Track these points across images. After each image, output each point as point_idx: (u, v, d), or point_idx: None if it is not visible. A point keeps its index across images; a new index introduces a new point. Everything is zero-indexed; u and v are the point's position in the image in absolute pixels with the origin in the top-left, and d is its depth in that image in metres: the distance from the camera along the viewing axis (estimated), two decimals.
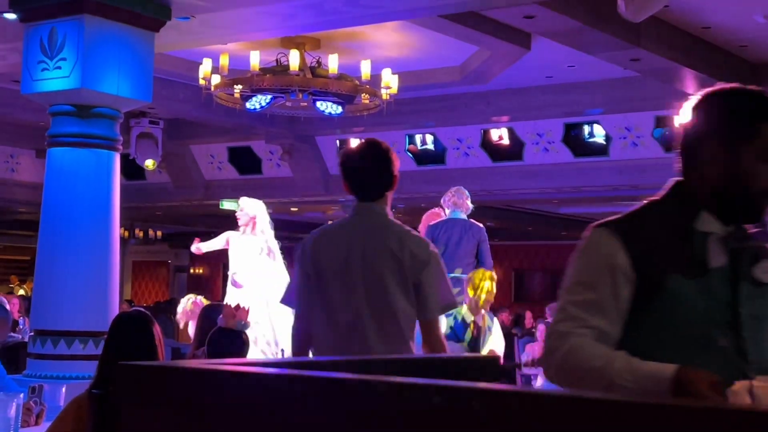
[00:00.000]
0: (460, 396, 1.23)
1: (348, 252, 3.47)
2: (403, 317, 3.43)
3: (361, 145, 3.66)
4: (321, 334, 3.49)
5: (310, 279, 3.51)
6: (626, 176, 11.58)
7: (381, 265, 3.44)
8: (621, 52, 8.16)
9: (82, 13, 5.37)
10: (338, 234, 3.58)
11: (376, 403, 1.27)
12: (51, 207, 5.64)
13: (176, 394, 1.53)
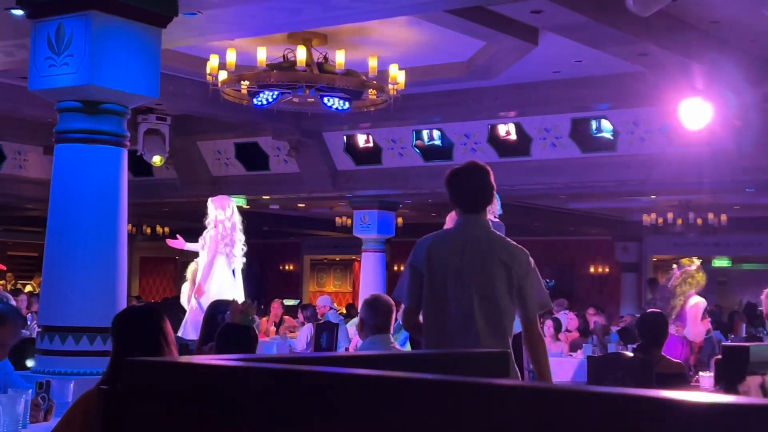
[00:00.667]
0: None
1: (461, 256, 4.08)
2: (507, 316, 4.07)
3: (468, 165, 4.28)
4: (434, 324, 4.10)
5: (423, 277, 4.10)
6: (634, 171, 11.56)
7: (492, 270, 4.07)
8: (628, 46, 8.13)
9: (90, 9, 5.37)
10: (451, 240, 4.16)
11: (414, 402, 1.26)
12: (58, 203, 5.64)
13: (184, 390, 1.53)
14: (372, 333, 5.42)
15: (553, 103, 10.75)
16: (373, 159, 13.19)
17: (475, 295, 4.04)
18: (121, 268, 5.64)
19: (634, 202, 16.17)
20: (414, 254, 4.17)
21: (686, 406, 1.07)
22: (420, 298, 4.12)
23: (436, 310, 4.09)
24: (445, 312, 4.06)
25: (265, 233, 24.08)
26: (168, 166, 13.89)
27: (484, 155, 12.37)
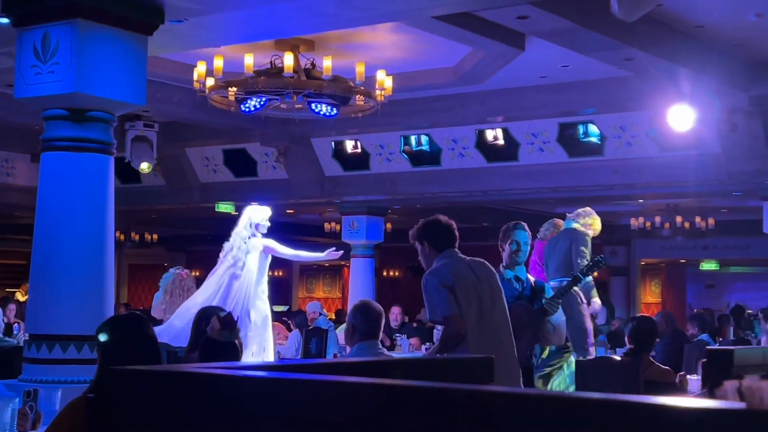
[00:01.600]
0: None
1: (476, 277, 5.15)
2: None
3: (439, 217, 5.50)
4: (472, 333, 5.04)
5: (456, 295, 5.03)
6: (621, 176, 11.60)
7: (497, 285, 5.23)
8: (614, 51, 8.17)
9: (75, 17, 5.36)
10: (463, 265, 5.22)
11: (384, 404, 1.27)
12: (45, 211, 5.63)
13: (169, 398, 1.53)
14: (361, 339, 5.40)
15: (540, 107, 10.78)
16: (362, 164, 13.20)
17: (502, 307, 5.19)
18: (108, 276, 5.63)
19: (622, 206, 16.21)
20: (440, 276, 5.11)
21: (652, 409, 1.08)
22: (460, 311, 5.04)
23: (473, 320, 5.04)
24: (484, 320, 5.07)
25: None
26: (156, 173, 13.87)
27: (471, 160, 12.41)
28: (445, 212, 17.62)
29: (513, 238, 6.11)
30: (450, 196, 13.65)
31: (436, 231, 5.47)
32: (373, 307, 5.52)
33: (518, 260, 6.13)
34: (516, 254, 6.09)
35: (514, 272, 6.18)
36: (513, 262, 6.14)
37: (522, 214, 18.21)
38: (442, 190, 13.02)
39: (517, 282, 6.17)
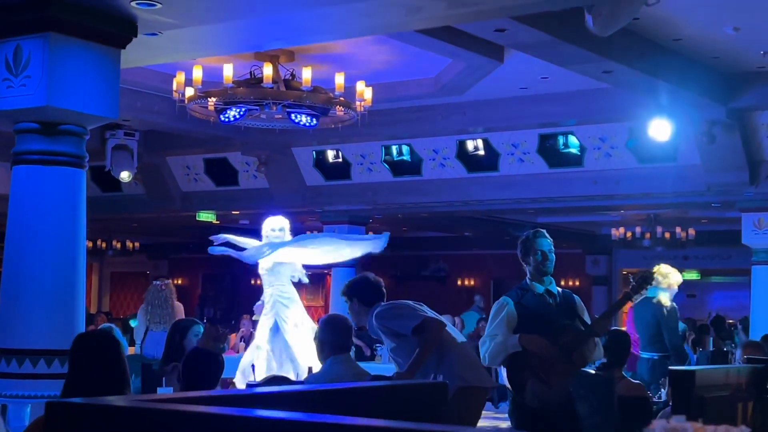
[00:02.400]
0: None
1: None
2: None
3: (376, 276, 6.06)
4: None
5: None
6: (601, 186, 11.64)
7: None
8: (593, 64, 8.19)
9: (48, 31, 5.33)
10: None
11: None
12: (16, 225, 5.59)
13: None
14: (333, 353, 5.41)
15: (520, 118, 10.81)
16: (343, 174, 13.19)
17: None
18: (79, 291, 5.60)
19: (602, 216, 16.26)
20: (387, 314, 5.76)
21: None
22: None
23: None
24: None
25: (236, 248, 23.96)
26: (137, 182, 13.82)
27: (452, 171, 12.42)
28: (426, 222, 17.72)
29: (536, 248, 5.59)
30: (431, 206, 13.66)
31: (365, 288, 5.92)
32: (340, 320, 5.58)
33: (547, 270, 5.60)
34: (543, 264, 5.58)
35: (545, 285, 5.62)
36: (541, 273, 5.59)
37: (504, 224, 18.28)
38: (423, 200, 13.03)
39: (550, 296, 5.61)
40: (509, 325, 5.45)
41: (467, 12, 5.69)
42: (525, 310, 5.48)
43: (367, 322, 5.96)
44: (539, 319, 5.45)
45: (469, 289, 24.40)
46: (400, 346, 5.85)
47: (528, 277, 5.61)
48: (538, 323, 5.43)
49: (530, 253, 5.59)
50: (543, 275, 5.59)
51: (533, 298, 5.53)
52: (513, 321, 5.46)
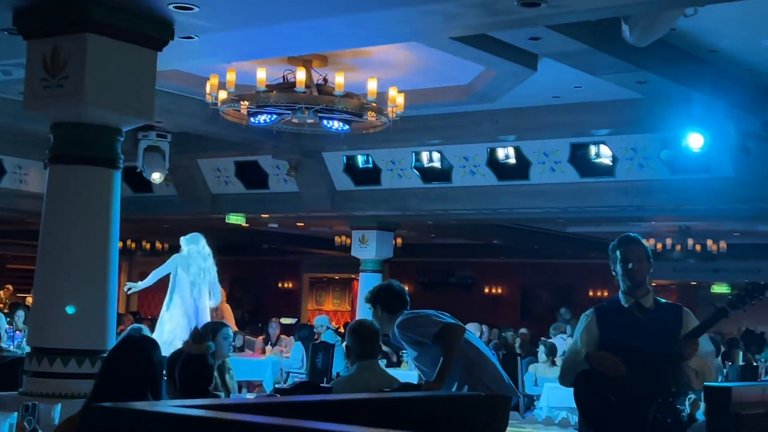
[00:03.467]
0: None
1: None
2: None
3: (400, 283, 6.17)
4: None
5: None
6: (632, 197, 11.56)
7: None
8: (627, 74, 8.16)
9: (85, 32, 5.37)
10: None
11: None
12: (50, 225, 5.63)
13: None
14: (358, 359, 5.48)
15: (552, 127, 10.76)
16: (373, 179, 13.19)
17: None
18: (111, 291, 5.63)
19: (633, 226, 16.15)
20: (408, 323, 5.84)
21: None
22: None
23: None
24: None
25: (264, 251, 24.06)
26: (168, 183, 13.89)
27: (482, 178, 12.39)
28: (455, 229, 17.71)
29: (620, 256, 4.89)
30: (460, 213, 13.63)
31: (389, 296, 5.93)
32: (366, 327, 5.63)
33: (638, 280, 4.83)
34: (633, 274, 4.81)
35: (635, 298, 4.84)
36: (628, 285, 4.83)
37: (533, 233, 18.21)
38: (453, 207, 13.00)
39: (640, 311, 4.84)
40: (588, 340, 4.85)
41: (503, 20, 5.67)
42: (607, 325, 4.84)
43: (390, 330, 5.97)
44: (621, 337, 4.75)
45: (496, 298, 24.33)
46: (423, 355, 5.86)
47: (621, 290, 4.91)
48: (619, 341, 4.75)
49: (614, 261, 4.92)
50: (632, 287, 4.84)
51: (618, 313, 4.85)
52: (593, 337, 4.84)
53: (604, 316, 4.88)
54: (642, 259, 4.84)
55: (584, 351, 4.77)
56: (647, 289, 4.85)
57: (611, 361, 4.65)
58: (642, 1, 5.22)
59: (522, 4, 5.24)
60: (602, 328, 4.83)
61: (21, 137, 12.76)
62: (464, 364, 5.89)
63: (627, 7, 5.65)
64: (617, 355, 4.66)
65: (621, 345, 4.69)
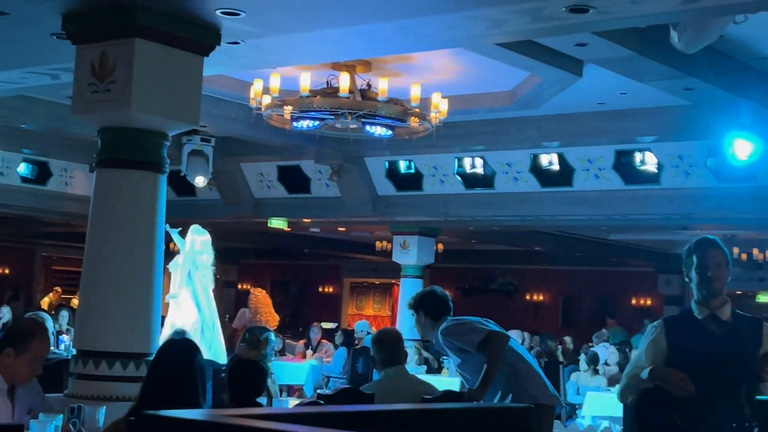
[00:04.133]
0: None
1: None
2: None
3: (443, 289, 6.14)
4: None
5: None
6: (677, 205, 11.43)
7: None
8: (674, 81, 8.07)
9: (134, 37, 5.42)
10: None
11: None
12: (97, 228, 5.67)
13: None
14: (384, 367, 5.50)
15: (596, 134, 10.67)
16: (415, 185, 13.17)
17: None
18: (156, 295, 5.66)
19: (677, 234, 15.97)
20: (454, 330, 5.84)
21: None
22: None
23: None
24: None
25: (305, 255, 24.12)
26: (211, 187, 13.98)
27: (525, 184, 12.32)
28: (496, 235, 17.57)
29: (701, 261, 4.29)
30: (502, 219, 13.56)
31: (432, 302, 5.89)
32: (387, 334, 5.67)
33: (716, 289, 4.28)
34: (711, 282, 4.26)
35: (711, 309, 4.28)
36: (709, 294, 4.28)
37: (575, 240, 18.07)
38: (495, 213, 12.94)
39: (715, 324, 4.28)
40: (654, 355, 4.26)
41: (550, 26, 5.63)
42: (677, 338, 4.27)
43: (433, 336, 5.94)
44: (692, 352, 4.20)
45: (538, 304, 24.19)
46: (466, 362, 5.83)
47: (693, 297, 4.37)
48: (689, 357, 4.18)
49: (689, 267, 4.32)
50: (707, 296, 4.28)
51: (690, 325, 4.28)
52: (660, 351, 4.26)
53: (674, 328, 4.31)
54: (722, 266, 4.28)
55: (649, 366, 4.20)
56: (724, 299, 4.31)
57: (678, 378, 4.07)
58: (692, 8, 5.15)
59: (570, 10, 5.20)
60: (671, 341, 4.26)
61: (67, 140, 12.91)
62: (508, 373, 5.85)
63: (677, 14, 5.58)
64: (686, 372, 4.08)
65: (691, 361, 4.13)
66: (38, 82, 7.75)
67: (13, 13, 5.81)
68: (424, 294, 6.07)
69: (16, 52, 6.86)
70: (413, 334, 8.77)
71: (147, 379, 4.01)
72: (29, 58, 7.01)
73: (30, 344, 4.50)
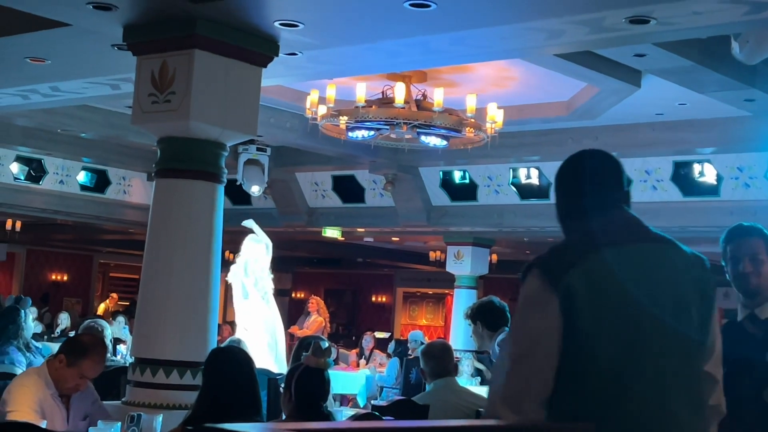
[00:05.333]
0: None
1: None
2: None
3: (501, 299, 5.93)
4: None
5: None
6: (737, 217, 11.18)
7: None
8: (734, 92, 7.96)
9: (193, 48, 5.47)
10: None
11: None
12: (156, 237, 5.73)
13: None
14: (433, 378, 5.49)
15: (654, 145, 10.53)
16: (469, 195, 13.13)
17: None
18: (213, 303, 5.70)
19: None
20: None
21: None
22: None
23: None
24: None
25: (359, 264, 24.17)
26: (266, 196, 14.07)
27: None
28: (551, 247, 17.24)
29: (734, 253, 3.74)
30: (557, 230, 13.40)
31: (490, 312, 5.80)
32: (436, 346, 5.67)
33: (750, 285, 3.69)
34: (745, 278, 3.69)
35: (750, 309, 3.72)
36: (742, 290, 3.73)
37: None
38: (550, 224, 12.80)
39: (753, 324, 3.71)
40: None
41: (610, 37, 5.58)
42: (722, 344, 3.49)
43: (490, 347, 5.90)
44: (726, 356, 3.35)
45: None
46: None
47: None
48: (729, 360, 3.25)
49: (725, 261, 3.77)
50: (743, 294, 3.73)
51: (732, 327, 3.69)
52: None
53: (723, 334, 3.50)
54: (758, 258, 3.67)
55: None
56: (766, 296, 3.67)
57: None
58: (754, 19, 5.06)
59: (630, 21, 5.14)
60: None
61: (125, 149, 13.10)
62: None
63: (738, 25, 5.50)
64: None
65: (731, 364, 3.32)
66: (98, 93, 7.87)
67: (76, 24, 5.90)
68: (482, 304, 6.03)
69: (78, 63, 6.97)
70: (467, 345, 8.75)
71: (202, 388, 4.03)
72: (90, 69, 7.12)
73: (82, 361, 4.52)
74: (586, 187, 2.75)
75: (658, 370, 2.48)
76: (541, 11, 5.19)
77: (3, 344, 7.12)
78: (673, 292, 2.58)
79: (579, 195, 2.76)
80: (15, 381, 4.70)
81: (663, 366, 2.49)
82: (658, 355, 2.49)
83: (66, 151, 12.94)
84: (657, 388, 2.46)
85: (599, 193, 2.74)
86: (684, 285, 2.62)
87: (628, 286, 2.52)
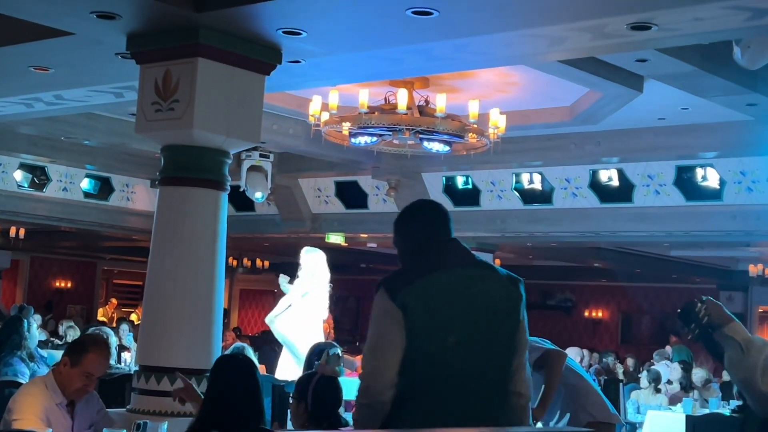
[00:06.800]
0: None
1: None
2: None
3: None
4: None
5: None
6: (740, 221, 11.25)
7: None
8: (736, 96, 7.98)
9: (196, 57, 5.48)
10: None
11: None
12: (160, 244, 5.74)
13: None
14: None
15: (657, 149, 10.56)
16: (472, 201, 13.14)
17: None
18: (217, 311, 5.71)
19: (740, 251, 15.74)
20: None
21: None
22: None
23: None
24: None
25: (362, 270, 24.17)
26: (269, 202, 14.09)
27: (584, 200, 12.22)
28: (554, 251, 17.49)
29: None
30: (561, 235, 13.46)
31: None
32: None
33: None
34: None
35: None
36: None
37: (635, 256, 17.85)
38: (553, 229, 12.86)
39: None
40: None
41: (612, 44, 5.59)
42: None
43: None
44: None
45: (596, 321, 23.93)
46: None
47: None
48: None
49: None
50: None
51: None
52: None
53: None
54: None
55: None
56: None
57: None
58: (756, 24, 5.07)
59: (632, 28, 5.16)
60: None
61: (128, 156, 13.13)
62: (566, 391, 5.81)
63: (740, 31, 5.51)
64: None
65: None
66: (102, 100, 7.90)
67: (79, 33, 5.92)
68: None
69: (81, 72, 6.99)
70: None
71: (207, 395, 4.04)
72: (94, 77, 7.14)
73: (84, 357, 4.48)
74: (426, 230, 3.58)
75: (467, 362, 3.32)
76: (544, 18, 5.21)
77: (7, 355, 7.13)
78: (486, 303, 3.40)
79: (420, 236, 3.56)
80: (21, 390, 4.70)
81: (472, 358, 3.33)
82: (468, 350, 3.33)
83: (69, 158, 12.97)
84: (464, 375, 3.32)
85: (435, 235, 3.57)
86: (496, 299, 3.43)
87: (449, 298, 3.36)
